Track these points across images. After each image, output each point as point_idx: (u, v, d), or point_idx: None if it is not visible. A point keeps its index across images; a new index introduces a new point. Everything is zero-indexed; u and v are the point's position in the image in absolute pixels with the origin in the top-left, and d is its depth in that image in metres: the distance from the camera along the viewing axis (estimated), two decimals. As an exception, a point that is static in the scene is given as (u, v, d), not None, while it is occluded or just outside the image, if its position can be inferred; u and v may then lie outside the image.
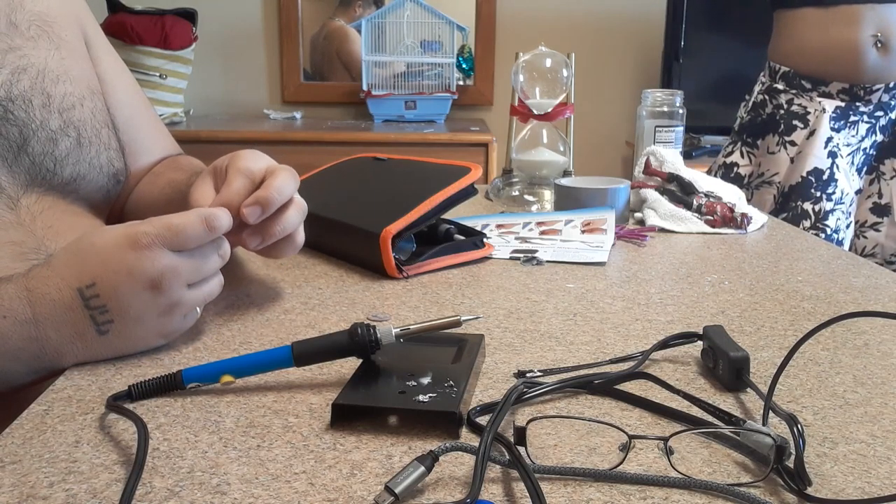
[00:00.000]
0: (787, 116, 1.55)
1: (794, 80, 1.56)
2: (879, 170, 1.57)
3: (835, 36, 1.49)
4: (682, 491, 0.43)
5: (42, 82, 0.76)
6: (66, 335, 0.57)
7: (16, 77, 0.74)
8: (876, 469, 0.46)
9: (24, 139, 0.74)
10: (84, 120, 0.80)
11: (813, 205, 1.50)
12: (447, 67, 2.65)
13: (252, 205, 0.65)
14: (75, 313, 0.57)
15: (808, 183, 1.51)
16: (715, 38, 2.60)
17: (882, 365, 0.61)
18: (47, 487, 0.43)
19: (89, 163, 0.80)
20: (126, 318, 0.58)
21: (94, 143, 0.81)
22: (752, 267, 0.90)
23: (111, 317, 0.57)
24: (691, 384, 0.57)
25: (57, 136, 0.76)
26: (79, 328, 0.58)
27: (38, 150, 0.75)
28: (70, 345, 0.58)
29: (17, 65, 0.75)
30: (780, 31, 1.60)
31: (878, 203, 1.55)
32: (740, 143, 1.63)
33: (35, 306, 0.57)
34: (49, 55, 0.79)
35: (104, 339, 0.58)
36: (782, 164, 1.55)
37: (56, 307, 0.57)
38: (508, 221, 1.07)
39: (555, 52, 1.24)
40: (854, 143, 1.55)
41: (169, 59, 2.48)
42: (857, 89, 1.51)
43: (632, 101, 2.75)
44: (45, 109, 0.76)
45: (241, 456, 0.46)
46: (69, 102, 0.78)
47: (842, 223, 1.52)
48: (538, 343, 0.65)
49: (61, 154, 0.77)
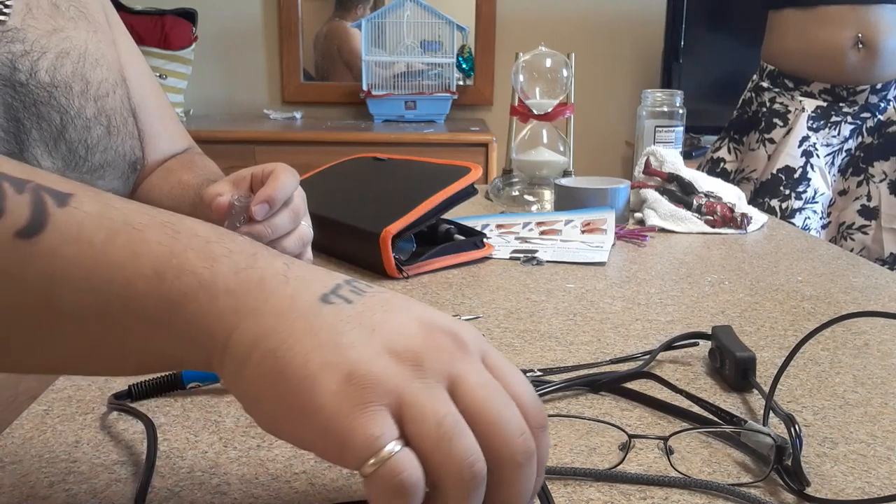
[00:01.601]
0: (769, 114, 1.57)
1: (778, 79, 1.58)
2: (868, 172, 1.56)
3: (816, 36, 1.51)
4: (682, 491, 0.43)
5: (82, 67, 0.76)
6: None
7: (60, 62, 0.74)
8: (876, 469, 0.46)
9: (64, 125, 0.74)
10: (115, 108, 0.81)
11: (780, 202, 1.51)
12: (447, 67, 2.65)
13: (261, 202, 0.66)
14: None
15: (777, 180, 1.52)
16: (715, 38, 2.60)
17: (882, 365, 0.61)
18: (47, 487, 0.43)
19: (115, 150, 0.80)
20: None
21: (122, 131, 0.81)
22: (752, 267, 0.90)
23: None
24: (698, 384, 0.57)
25: (91, 123, 0.77)
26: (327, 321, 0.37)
27: (75, 136, 0.75)
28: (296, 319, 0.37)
29: (62, 48, 0.74)
30: (770, 32, 1.62)
31: (867, 206, 1.55)
32: (728, 140, 1.66)
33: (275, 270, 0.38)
34: (88, 37, 0.78)
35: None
36: (760, 160, 1.57)
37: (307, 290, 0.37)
38: (508, 221, 1.07)
39: (555, 52, 1.24)
40: (835, 144, 1.56)
41: (169, 59, 2.48)
42: (840, 90, 1.52)
43: (632, 101, 2.75)
44: (82, 97, 0.76)
45: (241, 456, 0.46)
46: (104, 90, 0.79)
47: (812, 223, 1.53)
48: (538, 343, 0.65)
49: (93, 141, 0.77)
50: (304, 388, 0.31)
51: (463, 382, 0.32)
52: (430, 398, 0.31)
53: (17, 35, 0.70)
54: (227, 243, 0.35)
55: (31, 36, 0.71)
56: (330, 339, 0.32)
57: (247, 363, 0.32)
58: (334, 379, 0.31)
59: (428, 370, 0.32)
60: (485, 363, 0.34)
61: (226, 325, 0.33)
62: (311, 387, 0.31)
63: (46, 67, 0.72)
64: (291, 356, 0.31)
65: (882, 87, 1.51)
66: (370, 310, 0.33)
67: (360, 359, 0.31)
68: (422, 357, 0.32)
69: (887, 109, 1.54)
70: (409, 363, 0.32)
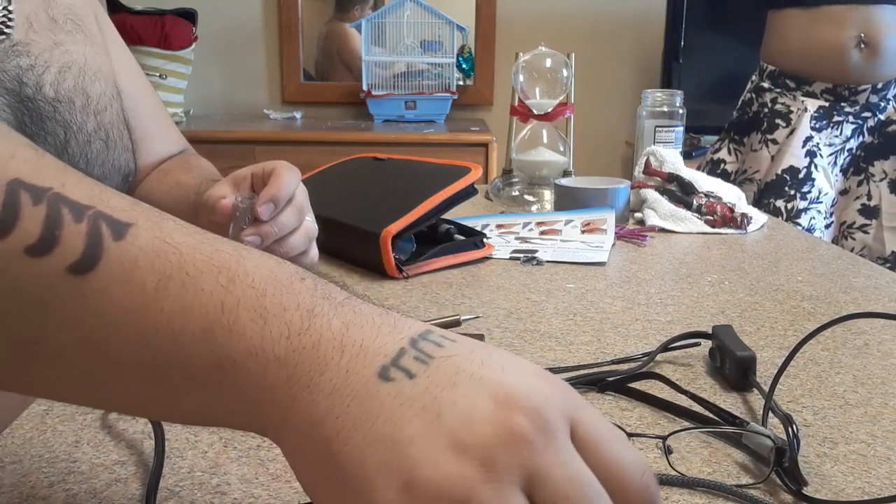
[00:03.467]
0: (771, 115, 1.57)
1: (779, 79, 1.58)
2: (868, 171, 1.57)
3: (818, 36, 1.50)
4: (682, 490, 0.43)
5: (83, 81, 0.76)
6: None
7: (62, 76, 0.74)
8: (876, 469, 0.46)
9: (67, 140, 0.74)
10: (112, 122, 0.81)
11: (786, 202, 1.51)
12: (447, 67, 2.65)
13: (266, 202, 0.66)
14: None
15: (782, 181, 1.52)
16: (715, 38, 2.60)
17: (882, 365, 0.61)
18: (47, 487, 0.43)
19: (112, 164, 0.80)
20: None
21: (119, 145, 0.81)
22: (752, 267, 0.90)
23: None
24: (698, 384, 0.57)
25: (91, 138, 0.77)
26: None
27: (77, 151, 0.75)
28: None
29: (63, 62, 0.74)
30: (770, 31, 1.62)
31: (867, 205, 1.56)
32: (728, 140, 1.65)
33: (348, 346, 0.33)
34: (86, 50, 0.78)
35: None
36: (763, 161, 1.57)
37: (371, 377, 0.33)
38: (508, 221, 1.07)
39: (555, 52, 1.24)
40: (837, 144, 1.56)
41: (169, 59, 2.47)
42: (842, 90, 1.52)
43: (632, 101, 2.75)
44: (83, 112, 0.76)
45: (241, 456, 0.46)
46: (102, 104, 0.79)
47: (817, 223, 1.53)
48: (538, 343, 0.65)
49: (93, 155, 0.77)
50: (362, 491, 0.28)
51: (544, 481, 0.27)
52: None
53: (22, 49, 0.70)
54: (283, 296, 0.31)
55: (34, 50, 0.71)
56: (387, 431, 0.28)
57: (305, 450, 0.30)
58: (393, 485, 0.27)
59: (501, 470, 0.27)
60: (575, 437, 0.29)
61: (279, 400, 0.30)
62: (368, 491, 0.27)
63: (51, 82, 0.72)
64: (347, 451, 0.28)
65: (882, 87, 1.51)
66: (437, 386, 0.29)
67: (421, 462, 0.27)
68: (493, 454, 0.27)
69: (887, 109, 1.54)
70: (478, 462, 0.27)
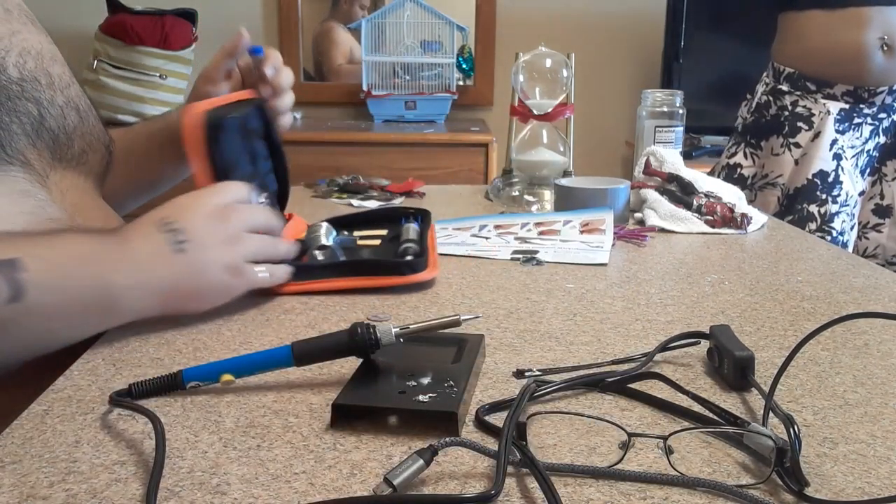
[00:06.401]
0: (792, 118, 1.55)
1: (798, 81, 1.55)
2: (881, 171, 1.57)
3: (841, 38, 1.49)
4: (682, 490, 0.43)
5: (42, 63, 0.81)
6: (149, 249, 0.65)
7: (23, 59, 0.78)
8: (876, 469, 0.46)
9: (42, 115, 0.78)
10: (79, 96, 0.86)
11: (819, 207, 1.49)
12: (447, 67, 2.65)
13: (269, 66, 0.90)
14: (157, 233, 0.66)
15: (813, 185, 1.50)
16: (715, 38, 2.60)
17: (882, 365, 0.61)
18: (47, 487, 0.43)
19: (91, 135, 0.86)
20: (196, 240, 0.66)
21: (90, 115, 0.87)
22: (752, 267, 0.90)
23: (186, 237, 0.66)
24: (698, 384, 0.57)
25: (64, 111, 0.82)
26: (160, 244, 0.65)
27: (54, 125, 0.79)
28: (153, 259, 0.65)
29: (22, 46, 0.78)
30: (786, 33, 1.59)
31: (880, 204, 1.55)
32: (743, 145, 1.62)
33: (123, 231, 0.67)
34: (40, 38, 0.83)
35: (181, 257, 0.65)
36: (786, 165, 1.55)
37: (141, 226, 0.66)
38: (507, 222, 1.07)
39: (555, 52, 1.24)
40: (858, 146, 1.55)
41: (169, 59, 2.47)
42: (862, 91, 1.51)
43: (632, 101, 2.75)
44: (50, 88, 0.80)
45: (241, 456, 0.46)
46: (64, 83, 0.84)
47: (846, 225, 1.52)
48: (538, 343, 0.65)
49: (70, 128, 0.82)
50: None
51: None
52: None
53: None
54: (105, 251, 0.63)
55: None
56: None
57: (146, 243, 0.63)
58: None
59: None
60: None
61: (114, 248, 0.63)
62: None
63: (14, 63, 0.76)
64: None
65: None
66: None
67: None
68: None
69: None
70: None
